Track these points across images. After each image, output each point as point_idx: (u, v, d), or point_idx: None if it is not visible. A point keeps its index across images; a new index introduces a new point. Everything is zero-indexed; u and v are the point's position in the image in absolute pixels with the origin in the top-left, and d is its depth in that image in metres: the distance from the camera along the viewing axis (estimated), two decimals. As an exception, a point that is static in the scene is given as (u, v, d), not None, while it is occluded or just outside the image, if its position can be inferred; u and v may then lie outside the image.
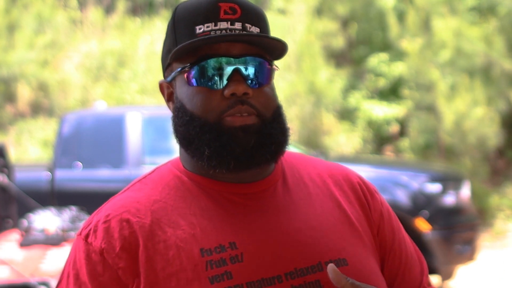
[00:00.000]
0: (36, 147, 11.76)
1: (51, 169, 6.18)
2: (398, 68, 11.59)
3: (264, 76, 1.34)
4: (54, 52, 13.01)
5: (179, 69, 1.35)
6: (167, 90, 1.41)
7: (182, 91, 1.35)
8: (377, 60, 12.11)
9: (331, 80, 11.40)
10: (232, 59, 1.31)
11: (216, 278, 1.26)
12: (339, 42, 12.31)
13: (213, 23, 1.32)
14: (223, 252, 1.28)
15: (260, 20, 1.36)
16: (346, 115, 11.94)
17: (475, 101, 9.93)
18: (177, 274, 1.26)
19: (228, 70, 1.31)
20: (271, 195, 1.36)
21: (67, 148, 7.12)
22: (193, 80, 1.33)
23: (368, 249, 1.39)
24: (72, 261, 1.33)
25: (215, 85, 1.31)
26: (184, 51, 1.32)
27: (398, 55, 11.53)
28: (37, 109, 12.71)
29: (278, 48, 1.36)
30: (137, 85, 12.51)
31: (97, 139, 7.25)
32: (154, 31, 13.68)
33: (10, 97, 12.72)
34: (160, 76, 1.45)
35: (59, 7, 13.62)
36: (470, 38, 10.14)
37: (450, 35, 10.21)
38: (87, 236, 1.32)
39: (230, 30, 1.32)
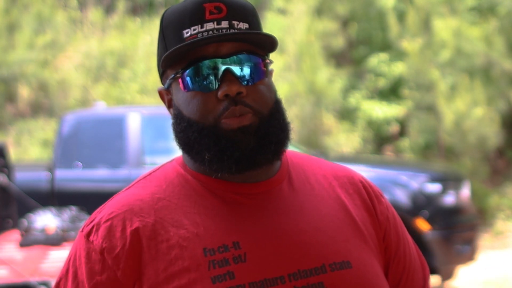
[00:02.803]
0: (36, 147, 11.75)
1: (51, 169, 6.18)
2: (398, 68, 11.59)
3: (257, 72, 1.32)
4: (54, 52, 13.00)
5: (172, 76, 1.34)
6: (167, 97, 1.40)
7: (178, 97, 1.34)
8: (377, 60, 12.10)
9: (331, 80, 11.39)
10: (221, 59, 1.30)
11: (219, 278, 1.25)
12: (339, 42, 12.31)
13: (199, 25, 1.30)
14: (226, 252, 1.27)
15: (248, 15, 1.33)
16: (346, 115, 11.93)
17: (475, 101, 9.93)
18: (179, 274, 1.25)
19: (219, 71, 1.29)
20: (276, 196, 1.35)
21: (67, 148, 7.12)
22: (186, 85, 1.31)
23: (373, 253, 1.38)
24: (72, 258, 1.32)
25: (208, 88, 1.30)
26: (173, 57, 1.31)
27: (398, 55, 11.53)
28: (37, 109, 12.71)
29: (267, 42, 1.33)
30: (137, 85, 12.50)
31: (97, 139, 7.25)
32: (154, 31, 13.67)
33: (10, 97, 12.72)
34: (158, 76, 1.45)
35: (59, 7, 13.61)
36: (470, 38, 10.14)
37: (450, 35, 10.20)
38: (88, 233, 1.30)
39: (217, 30, 1.30)
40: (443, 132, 10.22)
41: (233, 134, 1.28)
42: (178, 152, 1.41)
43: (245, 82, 1.31)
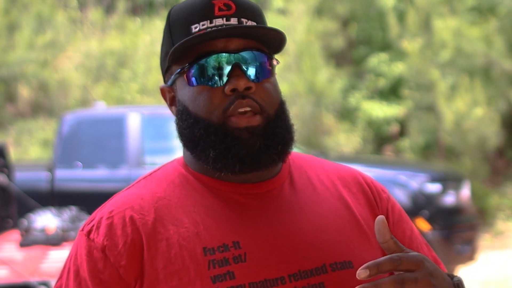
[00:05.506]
0: (36, 147, 11.75)
1: (51, 169, 6.18)
2: (398, 68, 11.59)
3: (264, 70, 1.33)
4: (54, 52, 13.00)
5: (178, 70, 1.33)
6: (169, 95, 1.39)
7: (183, 93, 1.33)
8: (377, 60, 12.10)
9: (331, 80, 11.39)
10: (230, 54, 1.30)
11: (219, 277, 1.24)
12: (339, 42, 12.30)
13: (209, 21, 1.31)
14: (226, 252, 1.26)
15: (255, 15, 1.34)
16: (346, 115, 11.93)
17: (475, 101, 9.93)
18: (179, 273, 1.25)
19: (227, 66, 1.29)
20: (277, 196, 1.34)
21: (67, 148, 7.12)
22: (193, 80, 1.31)
23: (376, 252, 1.36)
24: (73, 257, 1.31)
25: (215, 83, 1.30)
26: (181, 50, 1.30)
27: (398, 55, 11.53)
28: (37, 109, 12.71)
29: (276, 39, 1.34)
30: (137, 85, 12.50)
31: (97, 139, 7.26)
32: (154, 31, 13.68)
33: (10, 97, 12.72)
34: (159, 75, 1.44)
35: (59, 7, 13.61)
36: (470, 38, 10.14)
37: (450, 35, 10.20)
38: (89, 232, 1.30)
39: (226, 26, 1.30)
40: (443, 132, 10.22)
41: (239, 133, 1.28)
42: (178, 152, 1.41)
43: (253, 79, 1.30)
